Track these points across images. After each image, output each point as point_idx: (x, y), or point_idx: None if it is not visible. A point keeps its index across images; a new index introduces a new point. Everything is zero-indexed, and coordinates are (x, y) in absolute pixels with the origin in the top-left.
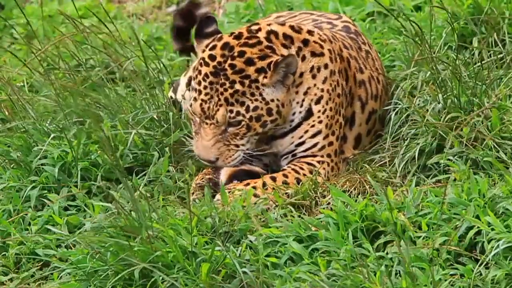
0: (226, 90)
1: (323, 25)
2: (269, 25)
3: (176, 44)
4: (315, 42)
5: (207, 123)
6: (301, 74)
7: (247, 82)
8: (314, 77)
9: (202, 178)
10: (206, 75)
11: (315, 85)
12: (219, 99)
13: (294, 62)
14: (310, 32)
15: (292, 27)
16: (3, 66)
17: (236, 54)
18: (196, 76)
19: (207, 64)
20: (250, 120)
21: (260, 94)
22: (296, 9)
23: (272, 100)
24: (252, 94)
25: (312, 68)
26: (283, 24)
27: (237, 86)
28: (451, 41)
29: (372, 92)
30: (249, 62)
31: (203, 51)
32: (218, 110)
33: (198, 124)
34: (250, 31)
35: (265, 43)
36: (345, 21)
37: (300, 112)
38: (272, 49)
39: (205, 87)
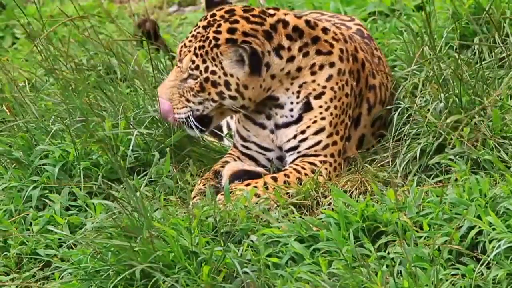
0: (199, 41)
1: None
2: (285, 14)
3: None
4: (325, 41)
5: (177, 65)
6: (300, 69)
7: (213, 43)
8: (313, 73)
9: (205, 184)
10: (198, 26)
11: (314, 81)
12: (191, 47)
13: (244, 55)
14: (324, 30)
15: (307, 22)
16: (5, 65)
17: (231, 19)
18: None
19: (205, 18)
20: (206, 80)
21: (220, 63)
22: (297, 9)
23: (232, 75)
24: (213, 59)
25: (313, 65)
26: (299, 17)
27: (206, 43)
28: (452, 41)
29: (381, 97)
30: (231, 30)
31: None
32: (186, 55)
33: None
34: (262, 12)
35: (266, 28)
36: (358, 24)
37: (298, 103)
38: (269, 35)
39: (192, 35)
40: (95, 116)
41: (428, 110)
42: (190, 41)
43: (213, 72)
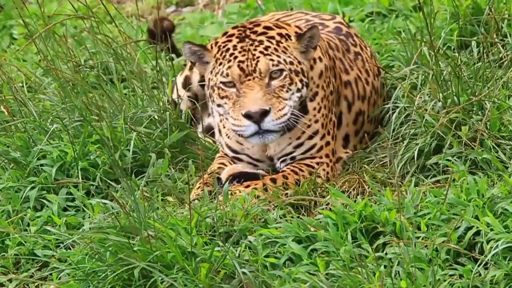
0: (258, 46)
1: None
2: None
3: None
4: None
5: (249, 79)
6: None
7: (274, 41)
8: (311, 68)
9: (203, 189)
10: (234, 46)
11: (311, 78)
12: (255, 54)
13: (317, 34)
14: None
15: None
16: (3, 65)
17: (251, 26)
18: (222, 53)
19: (229, 41)
20: (290, 72)
21: (291, 53)
22: (296, 9)
23: (300, 63)
24: (284, 52)
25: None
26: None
27: (267, 43)
28: (450, 41)
29: (359, 93)
30: (268, 28)
31: (215, 43)
32: (258, 61)
33: (237, 90)
34: (251, 23)
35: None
36: (337, 22)
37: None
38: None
39: (239, 52)
40: (93, 116)
41: (426, 110)
42: (244, 55)
43: (291, 62)
